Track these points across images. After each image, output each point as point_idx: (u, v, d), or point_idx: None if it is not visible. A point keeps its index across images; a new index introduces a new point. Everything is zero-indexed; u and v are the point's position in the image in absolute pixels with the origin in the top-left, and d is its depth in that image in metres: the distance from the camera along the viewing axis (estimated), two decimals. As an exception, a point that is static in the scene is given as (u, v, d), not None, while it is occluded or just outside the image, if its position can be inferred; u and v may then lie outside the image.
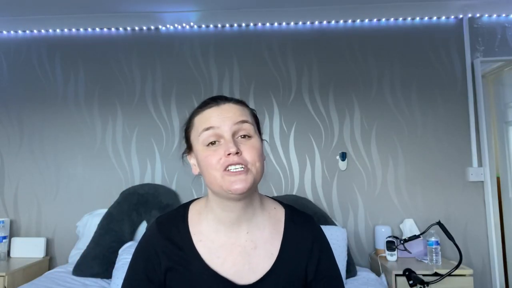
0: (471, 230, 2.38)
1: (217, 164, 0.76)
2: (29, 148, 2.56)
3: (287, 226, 0.86)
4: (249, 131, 0.80)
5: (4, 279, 2.01)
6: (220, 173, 0.76)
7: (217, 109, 0.81)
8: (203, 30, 2.62)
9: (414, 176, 2.44)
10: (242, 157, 0.76)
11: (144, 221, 2.24)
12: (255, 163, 0.77)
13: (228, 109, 0.81)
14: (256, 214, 0.85)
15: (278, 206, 0.91)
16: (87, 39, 2.64)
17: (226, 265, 0.81)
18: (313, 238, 0.86)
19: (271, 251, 0.83)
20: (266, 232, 0.85)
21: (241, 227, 0.83)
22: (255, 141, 0.80)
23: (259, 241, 0.83)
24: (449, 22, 2.54)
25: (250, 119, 0.82)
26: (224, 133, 0.78)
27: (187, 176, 2.50)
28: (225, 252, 0.82)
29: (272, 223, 0.86)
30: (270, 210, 0.88)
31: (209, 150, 0.78)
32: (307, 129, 2.50)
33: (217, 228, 0.84)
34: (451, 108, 2.47)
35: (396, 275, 1.95)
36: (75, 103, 2.58)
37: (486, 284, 2.34)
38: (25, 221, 2.51)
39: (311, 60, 2.56)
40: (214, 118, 0.79)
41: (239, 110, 0.81)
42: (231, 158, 0.75)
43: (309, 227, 0.88)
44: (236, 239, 0.83)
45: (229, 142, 0.76)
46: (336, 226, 2.18)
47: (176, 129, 2.54)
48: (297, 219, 0.88)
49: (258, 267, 0.81)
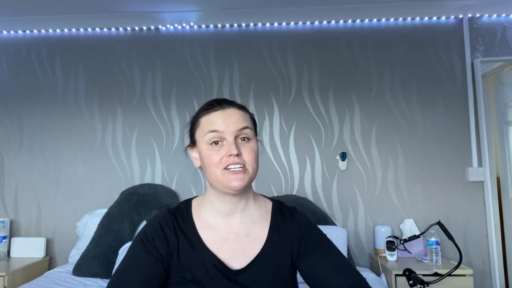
0: (471, 230, 2.38)
1: (219, 163, 0.87)
2: (29, 148, 2.56)
3: (274, 216, 0.97)
4: (249, 135, 0.91)
5: (4, 279, 2.01)
6: (221, 170, 0.87)
7: (222, 113, 0.90)
8: (203, 30, 2.62)
9: (414, 176, 2.44)
10: (242, 158, 0.88)
11: (144, 221, 2.24)
12: (252, 164, 0.89)
13: (232, 113, 0.91)
14: (249, 206, 0.96)
15: (268, 200, 1.02)
16: (87, 39, 2.64)
17: (222, 250, 0.90)
18: (297, 224, 0.96)
19: (260, 237, 0.93)
20: (257, 221, 0.96)
21: (235, 217, 0.94)
22: (253, 143, 0.91)
23: (251, 229, 0.94)
24: (449, 22, 2.54)
25: (250, 124, 0.93)
26: (227, 136, 0.88)
27: (187, 174, 2.50)
28: (221, 239, 0.92)
29: (262, 213, 0.97)
30: (261, 203, 1.00)
31: (212, 150, 0.89)
32: (307, 129, 2.50)
33: (214, 217, 0.94)
34: (451, 108, 2.47)
35: (396, 275, 1.95)
36: (75, 103, 2.58)
37: (486, 284, 2.34)
38: (25, 221, 2.51)
39: (311, 60, 2.56)
40: (220, 122, 0.89)
41: (242, 115, 0.92)
42: (231, 159, 0.86)
43: (293, 215, 0.98)
44: (231, 227, 0.93)
45: (231, 144, 0.87)
46: (336, 226, 2.18)
47: (176, 129, 2.54)
48: (283, 210, 1.00)
49: (250, 251, 0.91)
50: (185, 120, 2.54)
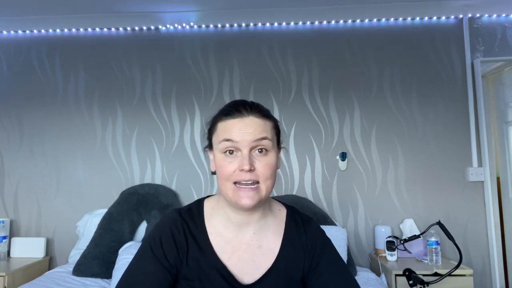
0: (471, 230, 2.38)
1: (231, 175, 0.82)
2: (29, 148, 2.56)
3: (288, 225, 0.92)
4: (267, 147, 0.84)
5: (4, 279, 2.01)
6: (231, 185, 0.82)
7: (240, 121, 0.83)
8: (203, 30, 2.62)
9: (414, 176, 2.44)
10: (255, 173, 0.81)
11: (144, 221, 2.25)
12: (266, 180, 0.83)
13: (250, 123, 0.83)
14: (264, 216, 0.90)
15: (282, 208, 0.96)
16: (87, 39, 2.64)
17: (232, 260, 0.86)
18: (311, 238, 0.91)
19: (273, 249, 0.88)
20: (270, 231, 0.90)
21: (248, 227, 0.89)
22: (271, 157, 0.84)
23: (264, 241, 0.89)
24: (449, 22, 2.54)
25: (270, 134, 0.86)
26: (242, 148, 0.82)
27: (187, 174, 2.50)
28: (232, 248, 0.87)
29: (276, 223, 0.92)
30: (276, 211, 0.94)
31: (226, 160, 0.83)
32: (307, 129, 2.50)
33: (226, 225, 0.89)
34: (451, 108, 2.47)
35: (396, 275, 1.95)
36: (75, 103, 2.58)
37: (486, 284, 2.34)
38: (25, 221, 2.51)
39: (311, 60, 2.56)
40: (236, 132, 0.82)
41: (261, 125, 0.84)
42: (243, 175, 0.81)
43: (308, 226, 0.93)
44: (243, 237, 0.88)
45: (245, 158, 0.81)
46: (336, 226, 2.18)
47: (176, 129, 2.54)
48: (298, 219, 0.94)
49: (262, 264, 0.86)
50: (185, 120, 2.54)
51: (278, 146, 0.90)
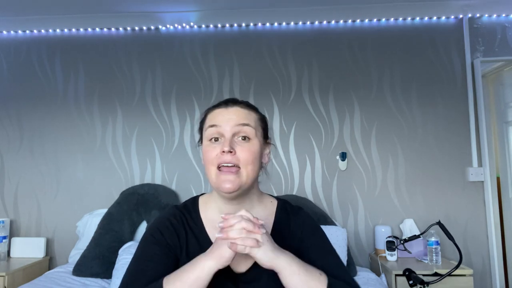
0: (471, 230, 2.38)
1: (214, 159, 0.85)
2: (29, 148, 2.56)
3: (278, 216, 0.96)
4: (249, 134, 0.87)
5: (4, 279, 2.01)
6: (215, 170, 0.85)
7: (224, 110, 0.89)
8: (203, 30, 2.62)
9: (414, 176, 2.44)
10: (236, 156, 0.84)
11: (144, 221, 2.25)
12: (247, 165, 0.85)
13: (234, 111, 0.89)
14: (253, 207, 0.93)
15: (274, 200, 1.00)
16: (87, 39, 2.64)
17: None
18: (301, 223, 0.95)
19: None
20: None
21: None
22: (253, 144, 0.88)
23: None
24: (449, 22, 2.54)
25: (254, 123, 0.90)
26: (225, 132, 0.86)
27: (187, 174, 2.50)
28: None
29: (266, 214, 0.95)
30: (267, 203, 0.98)
31: (210, 146, 0.87)
32: (307, 129, 2.50)
33: (219, 216, 0.91)
34: (451, 108, 2.47)
35: (396, 275, 1.95)
36: (75, 103, 2.58)
37: (486, 284, 2.34)
38: (25, 221, 2.51)
39: (311, 60, 2.56)
40: (220, 118, 0.88)
41: (244, 113, 0.89)
42: (224, 157, 0.84)
43: (297, 214, 0.97)
44: None
45: (226, 141, 0.85)
46: (336, 226, 2.18)
47: (176, 129, 2.54)
48: (288, 208, 0.98)
49: None
50: (185, 120, 2.54)
51: (265, 141, 0.94)
